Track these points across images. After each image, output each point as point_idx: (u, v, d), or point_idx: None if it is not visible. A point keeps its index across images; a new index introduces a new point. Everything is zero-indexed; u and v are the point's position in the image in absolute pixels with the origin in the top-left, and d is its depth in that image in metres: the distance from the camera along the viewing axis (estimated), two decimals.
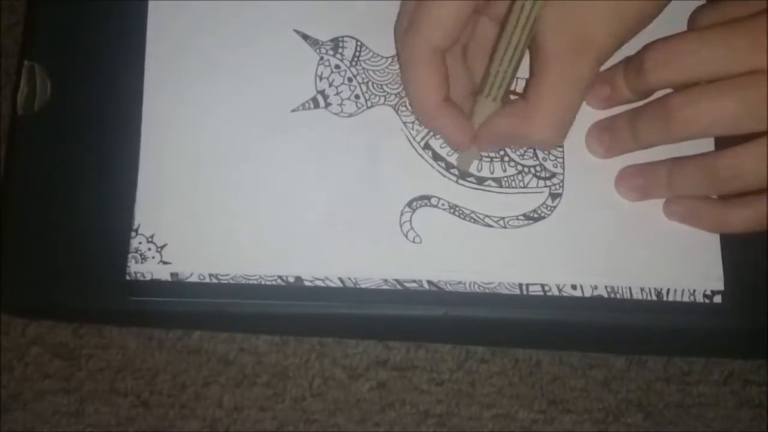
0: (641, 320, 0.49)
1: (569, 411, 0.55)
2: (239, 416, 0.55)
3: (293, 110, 0.47)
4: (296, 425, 0.55)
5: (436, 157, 0.47)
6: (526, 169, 0.47)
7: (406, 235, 0.46)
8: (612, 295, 0.47)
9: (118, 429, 0.55)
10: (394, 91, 0.47)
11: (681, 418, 0.55)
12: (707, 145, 0.47)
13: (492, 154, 0.47)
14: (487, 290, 0.46)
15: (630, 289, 0.46)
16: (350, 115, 0.47)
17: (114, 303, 0.49)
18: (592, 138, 0.47)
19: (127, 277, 0.46)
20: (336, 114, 0.47)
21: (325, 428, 0.56)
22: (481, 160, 0.47)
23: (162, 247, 0.46)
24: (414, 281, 0.46)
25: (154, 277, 0.46)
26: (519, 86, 0.48)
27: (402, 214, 0.46)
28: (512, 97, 0.46)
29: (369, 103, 0.48)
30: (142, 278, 0.46)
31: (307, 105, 0.47)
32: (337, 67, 0.48)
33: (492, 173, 0.47)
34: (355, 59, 0.48)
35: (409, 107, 0.46)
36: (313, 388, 0.56)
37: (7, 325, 0.55)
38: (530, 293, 0.46)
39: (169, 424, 0.55)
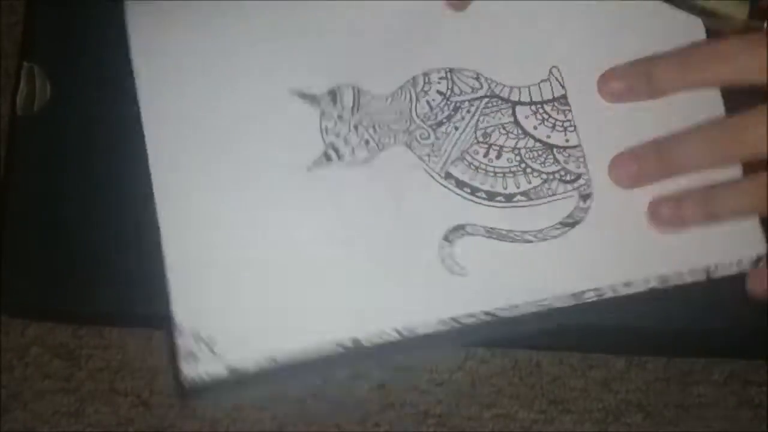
0: (651, 322, 0.49)
1: (569, 411, 0.55)
2: (239, 416, 0.55)
3: (309, 169, 0.46)
4: (296, 425, 0.55)
5: (460, 184, 0.47)
6: (550, 176, 0.46)
7: (450, 270, 0.45)
8: (665, 284, 0.46)
9: (118, 429, 0.55)
10: (402, 128, 0.47)
11: (681, 418, 0.55)
12: None
13: (514, 168, 0.46)
14: (542, 307, 0.45)
15: (680, 274, 0.46)
16: (365, 162, 0.47)
17: (113, 305, 0.49)
18: (618, 169, 0.46)
19: (183, 382, 0.44)
20: (350, 164, 0.46)
21: (325, 428, 0.56)
22: (504, 176, 0.46)
23: (211, 342, 0.44)
24: (470, 315, 0.45)
25: (211, 375, 0.44)
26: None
27: (441, 249, 0.46)
28: None
29: (380, 146, 0.47)
30: (200, 380, 0.44)
31: (319, 161, 0.46)
32: (340, 117, 0.47)
33: (518, 188, 0.46)
34: (356, 106, 0.47)
35: None
36: (314, 388, 0.56)
37: (7, 325, 0.55)
38: (585, 300, 0.45)
39: (169, 424, 0.55)
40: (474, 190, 0.47)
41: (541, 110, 0.47)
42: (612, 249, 0.46)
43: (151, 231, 0.45)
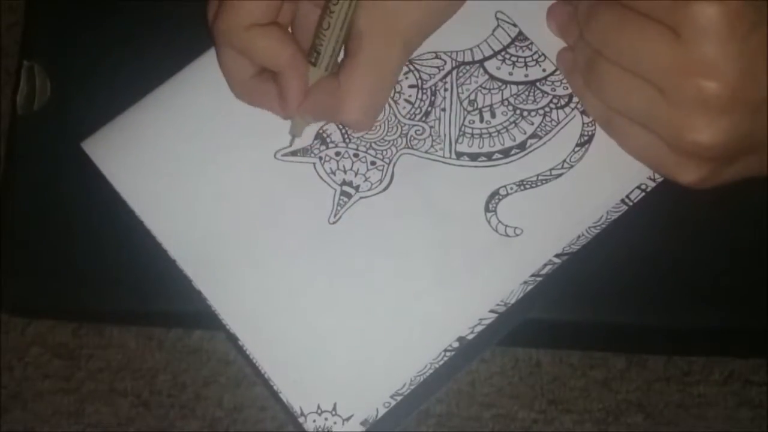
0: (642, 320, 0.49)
1: (569, 411, 0.55)
2: (239, 416, 0.55)
3: (332, 221, 0.46)
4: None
5: (473, 156, 0.47)
6: (547, 109, 0.47)
7: (507, 235, 0.46)
8: None
9: (118, 429, 0.55)
10: (397, 135, 0.47)
11: (681, 418, 0.55)
12: None
13: (512, 118, 0.47)
14: (602, 225, 0.45)
15: None
16: (379, 182, 0.47)
17: (113, 303, 0.49)
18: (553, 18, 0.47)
19: None
20: (369, 192, 0.46)
21: None
22: (508, 130, 0.47)
23: (334, 409, 0.44)
24: (545, 265, 0.45)
25: None
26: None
27: (489, 222, 0.46)
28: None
29: (386, 160, 0.47)
30: None
31: (342, 202, 0.47)
32: (338, 154, 0.47)
33: (525, 133, 0.47)
34: (346, 137, 0.47)
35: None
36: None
37: (7, 325, 0.55)
38: (634, 201, 0.46)
39: (169, 424, 0.55)
40: (489, 156, 0.47)
41: (507, 56, 0.48)
42: None
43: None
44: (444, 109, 0.48)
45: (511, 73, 0.48)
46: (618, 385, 0.56)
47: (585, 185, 0.46)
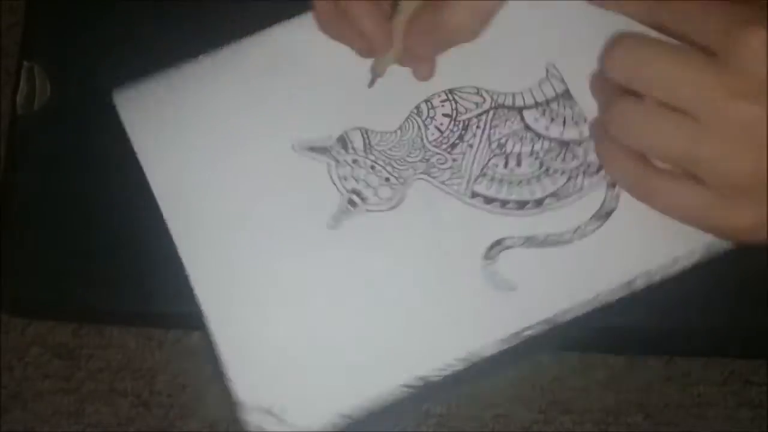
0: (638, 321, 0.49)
1: (569, 411, 0.55)
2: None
3: (331, 226, 0.46)
4: None
5: (488, 200, 0.46)
6: (574, 173, 0.46)
7: (498, 287, 0.45)
8: (711, 251, 0.45)
9: (118, 429, 0.55)
10: (418, 158, 0.46)
11: (681, 418, 0.55)
12: None
13: (536, 172, 0.46)
14: (596, 304, 0.44)
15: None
16: (389, 199, 0.46)
17: (112, 303, 0.49)
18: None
19: None
20: (377, 206, 0.46)
21: None
22: (529, 182, 0.46)
23: (278, 412, 0.44)
24: (528, 327, 0.44)
25: None
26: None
27: (484, 269, 0.45)
28: None
29: (401, 180, 0.46)
30: None
31: (347, 210, 0.46)
32: (355, 161, 0.46)
33: (546, 191, 0.46)
34: (368, 147, 0.47)
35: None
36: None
37: (7, 325, 0.55)
38: (637, 287, 0.45)
39: (169, 424, 0.55)
40: (503, 203, 0.46)
41: (548, 110, 0.47)
42: (651, 229, 0.45)
43: (155, 234, 0.45)
44: (471, 146, 0.47)
45: (547, 128, 0.47)
46: (618, 385, 0.56)
47: (591, 258, 0.45)
